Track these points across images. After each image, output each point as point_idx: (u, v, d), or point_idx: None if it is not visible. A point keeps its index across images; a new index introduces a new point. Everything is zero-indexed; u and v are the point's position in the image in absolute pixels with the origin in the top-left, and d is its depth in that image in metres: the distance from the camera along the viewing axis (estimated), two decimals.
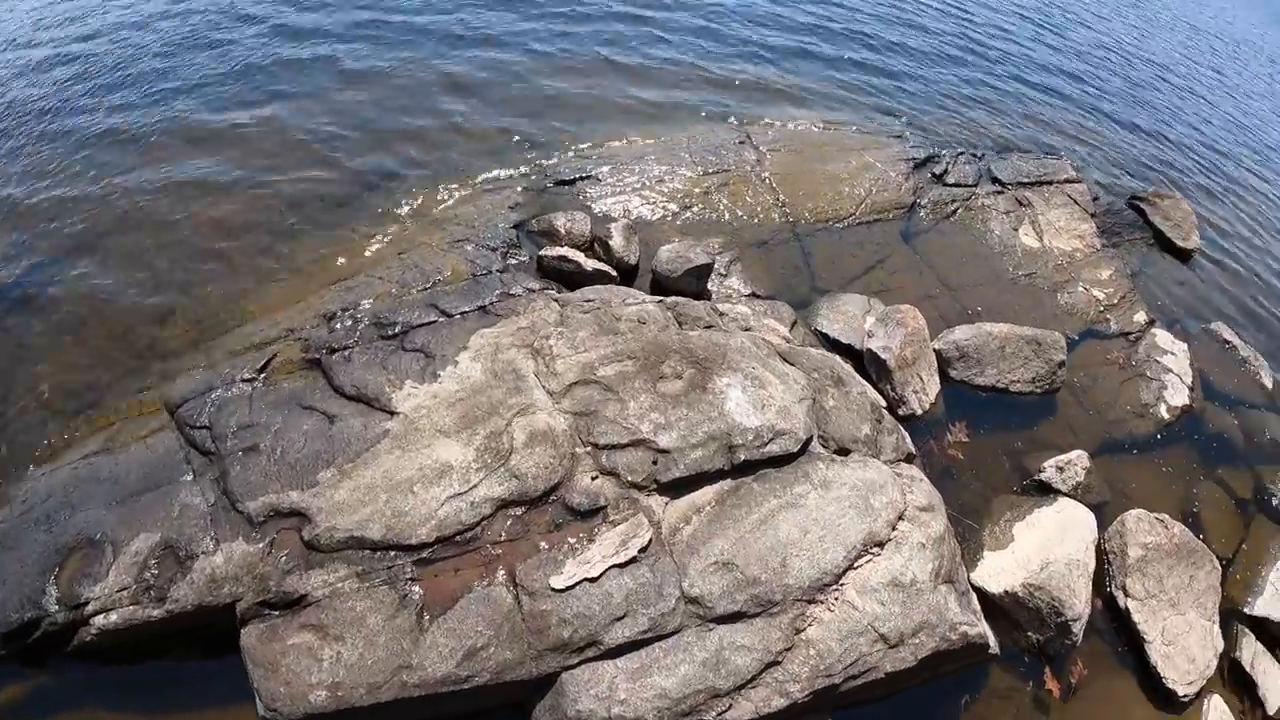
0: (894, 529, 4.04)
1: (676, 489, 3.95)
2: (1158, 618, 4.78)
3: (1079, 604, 4.47)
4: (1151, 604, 4.81)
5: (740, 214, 6.37)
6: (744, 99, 8.23)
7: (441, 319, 4.70)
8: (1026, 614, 4.51)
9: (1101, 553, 5.03)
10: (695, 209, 6.30)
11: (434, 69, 7.49)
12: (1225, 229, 9.52)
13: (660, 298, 5.15)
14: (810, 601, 3.73)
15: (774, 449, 4.11)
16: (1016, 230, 7.22)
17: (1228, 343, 7.41)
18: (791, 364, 4.70)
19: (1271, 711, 4.91)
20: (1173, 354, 6.64)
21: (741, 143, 7.20)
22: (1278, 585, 5.43)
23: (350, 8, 8.39)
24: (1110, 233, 8.01)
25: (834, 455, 4.31)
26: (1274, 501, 6.13)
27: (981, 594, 4.50)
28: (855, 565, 3.87)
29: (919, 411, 5.26)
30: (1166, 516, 5.15)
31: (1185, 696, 4.63)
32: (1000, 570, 4.62)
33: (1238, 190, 10.88)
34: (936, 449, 5.16)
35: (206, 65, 7.20)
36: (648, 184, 6.42)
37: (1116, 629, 4.83)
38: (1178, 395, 6.30)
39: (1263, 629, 5.26)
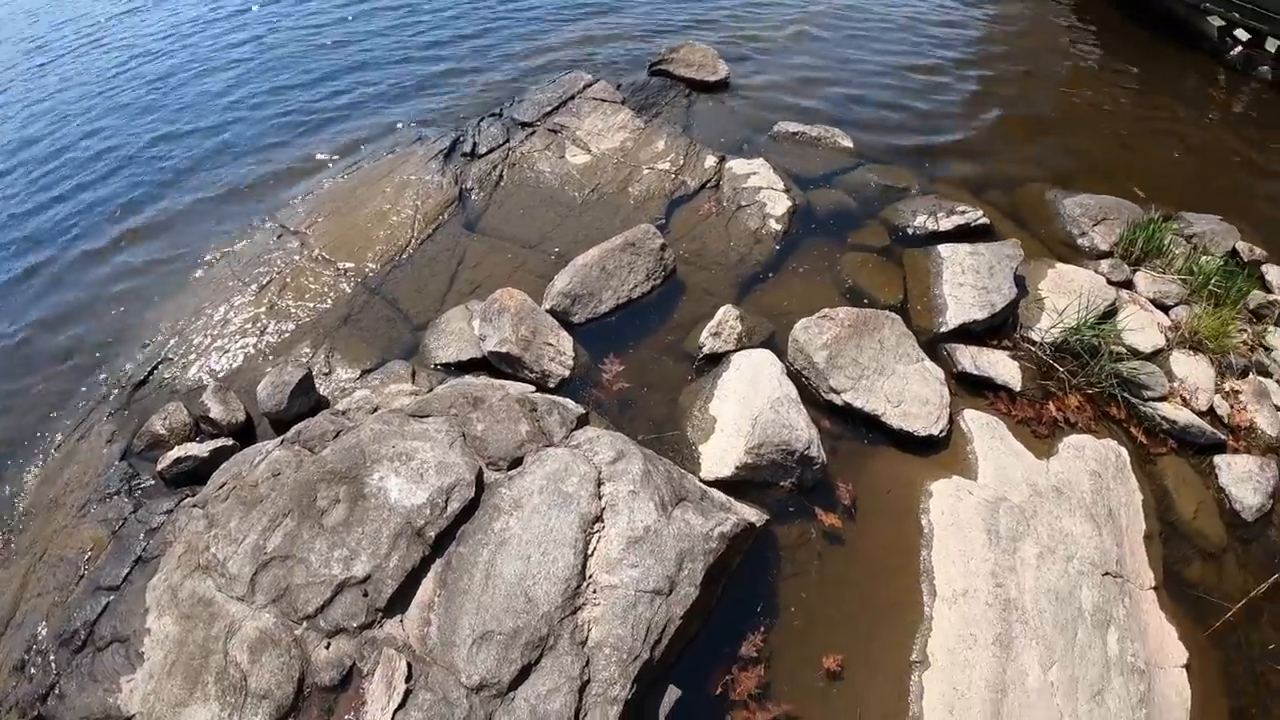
0: (600, 497, 4.14)
1: (400, 601, 3.85)
2: (875, 392, 5.27)
3: (803, 432, 4.82)
4: (863, 385, 5.29)
5: (312, 305, 6.19)
6: (257, 195, 7.95)
7: (112, 596, 4.32)
8: (768, 471, 4.80)
9: (795, 375, 5.45)
10: (271, 327, 6.05)
11: None
12: (741, 50, 10.62)
13: (281, 437, 4.96)
14: (574, 611, 3.76)
15: (454, 506, 4.06)
16: (564, 157, 7.60)
17: (796, 134, 8.29)
18: (426, 415, 4.66)
19: (1018, 387, 5.64)
20: (754, 173, 7.32)
21: (280, 236, 6.98)
22: (954, 294, 6.16)
23: None
24: (647, 107, 8.68)
25: (509, 472, 4.33)
26: (908, 230, 6.98)
27: (719, 484, 4.73)
28: (589, 553, 3.94)
29: (567, 374, 5.39)
30: (826, 309, 5.67)
31: (941, 431, 5.18)
32: (722, 452, 4.87)
33: (733, 13, 12.16)
34: (602, 394, 5.32)
35: None
36: (217, 333, 6.08)
37: (850, 425, 5.28)
38: (778, 205, 6.95)
39: (965, 333, 5.99)
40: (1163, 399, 5.76)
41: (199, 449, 5.14)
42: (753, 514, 4.51)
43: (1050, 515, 4.89)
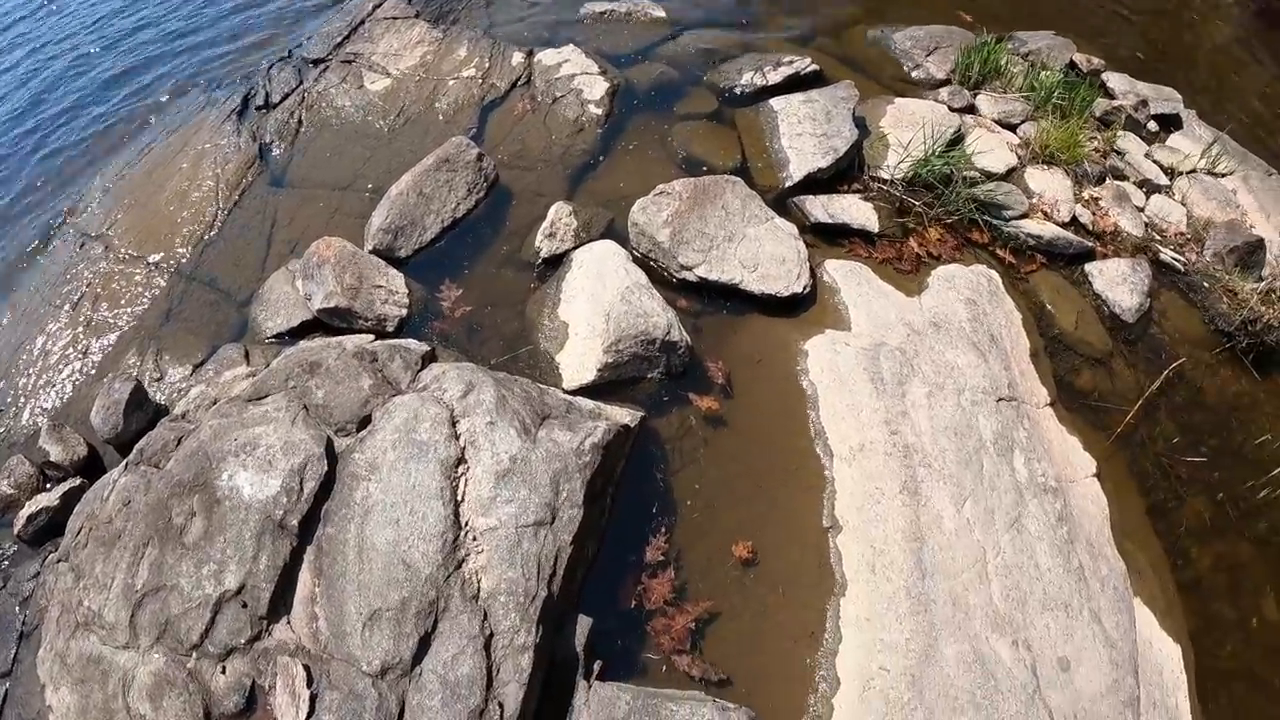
0: (457, 437, 3.87)
1: (282, 602, 3.61)
2: (728, 258, 5.09)
3: (659, 317, 4.59)
4: (714, 255, 5.09)
5: (129, 309, 5.64)
6: (50, 210, 7.15)
7: (8, 682, 4.08)
8: (632, 366, 4.59)
9: (642, 259, 5.24)
10: (93, 345, 5.52)
11: None
12: None
13: (125, 460, 4.57)
14: (459, 566, 3.55)
15: (310, 486, 3.76)
16: (363, 86, 7.03)
17: (604, 13, 7.87)
18: (264, 396, 4.30)
19: (876, 229, 5.55)
20: (566, 61, 6.90)
21: (82, 245, 6.32)
22: (794, 146, 6.00)
23: None
24: (444, 16, 8.08)
25: (359, 434, 4.01)
26: (735, 90, 6.77)
27: (585, 390, 4.51)
28: (460, 499, 3.70)
29: (405, 313, 5.00)
30: (663, 185, 5.40)
31: (804, 288, 5.05)
32: (581, 357, 4.62)
33: None
34: (446, 325, 4.97)
35: None
36: (40, 368, 5.50)
37: (709, 300, 5.12)
38: (596, 89, 6.58)
39: (812, 184, 5.84)
40: (1024, 216, 5.75)
41: (48, 498, 4.76)
42: (625, 415, 4.29)
43: (932, 351, 4.83)
